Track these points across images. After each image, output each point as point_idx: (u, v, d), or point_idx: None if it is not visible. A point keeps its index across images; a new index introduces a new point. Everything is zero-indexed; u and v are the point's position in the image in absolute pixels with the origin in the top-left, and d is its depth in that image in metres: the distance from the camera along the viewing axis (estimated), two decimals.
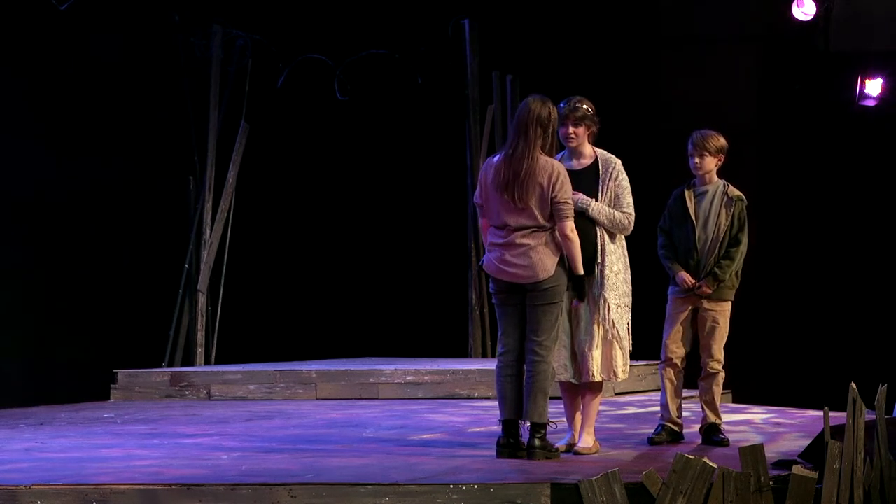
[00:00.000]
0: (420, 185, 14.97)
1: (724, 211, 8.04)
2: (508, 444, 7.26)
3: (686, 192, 8.12)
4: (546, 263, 7.22)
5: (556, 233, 7.26)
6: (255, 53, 14.07)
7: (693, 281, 7.99)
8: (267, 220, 14.54)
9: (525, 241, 7.22)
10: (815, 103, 14.19)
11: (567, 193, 7.24)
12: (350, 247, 15.25)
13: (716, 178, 8.13)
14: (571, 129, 7.58)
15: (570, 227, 7.23)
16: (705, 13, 14.85)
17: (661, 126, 14.29)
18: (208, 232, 13.54)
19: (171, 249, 13.61)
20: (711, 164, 8.10)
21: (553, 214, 7.23)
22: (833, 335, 14.01)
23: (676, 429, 8.08)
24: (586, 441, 7.53)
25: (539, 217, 7.23)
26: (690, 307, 8.07)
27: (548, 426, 7.28)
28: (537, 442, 7.21)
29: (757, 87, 14.80)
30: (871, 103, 13.46)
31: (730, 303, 8.08)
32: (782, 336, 14.24)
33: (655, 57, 14.98)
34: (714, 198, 8.07)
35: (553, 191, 7.20)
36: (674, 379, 8.09)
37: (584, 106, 7.61)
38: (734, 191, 8.10)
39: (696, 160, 8.10)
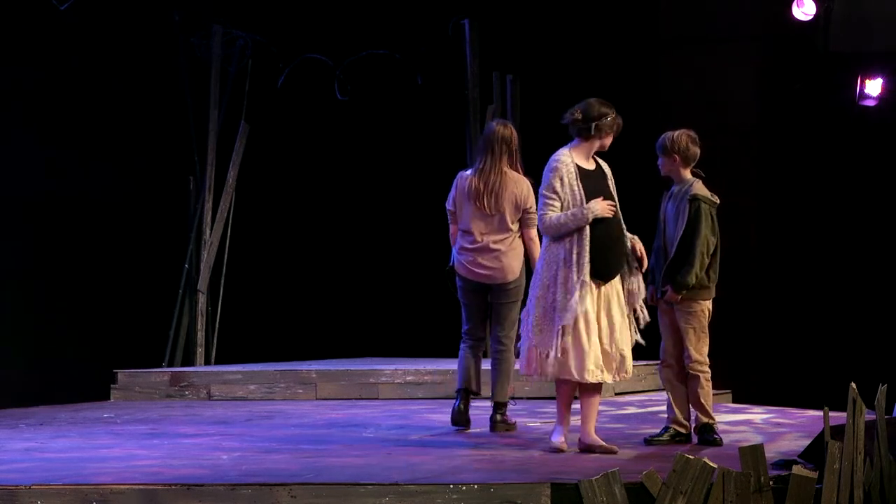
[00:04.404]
0: (420, 186, 14.93)
1: (684, 211, 7.97)
2: (462, 411, 8.50)
3: (665, 194, 8.11)
4: (514, 266, 8.39)
5: (520, 237, 8.41)
6: (255, 53, 14.06)
7: (653, 297, 7.98)
8: (267, 220, 14.53)
9: (497, 246, 8.35)
10: (815, 103, 14.18)
11: (535, 205, 8.05)
12: (350, 247, 15.24)
13: (687, 177, 8.02)
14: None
15: (535, 232, 8.19)
16: (705, 13, 14.85)
17: (661, 126, 14.25)
18: (208, 232, 13.53)
19: (171, 249, 13.61)
20: (670, 164, 8.06)
21: (522, 221, 8.40)
22: (833, 335, 14.01)
23: (683, 430, 8.02)
24: (594, 437, 7.52)
25: (509, 223, 8.38)
26: (671, 309, 8.05)
27: (508, 403, 8.52)
28: (499, 417, 8.50)
29: (757, 87, 14.79)
30: (871, 103, 13.44)
31: (703, 303, 7.94)
32: (782, 336, 14.24)
33: (655, 57, 14.97)
34: (678, 198, 7.99)
35: (526, 202, 8.34)
36: (672, 380, 8.07)
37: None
38: (694, 189, 7.94)
39: (658, 162, 8.11)
